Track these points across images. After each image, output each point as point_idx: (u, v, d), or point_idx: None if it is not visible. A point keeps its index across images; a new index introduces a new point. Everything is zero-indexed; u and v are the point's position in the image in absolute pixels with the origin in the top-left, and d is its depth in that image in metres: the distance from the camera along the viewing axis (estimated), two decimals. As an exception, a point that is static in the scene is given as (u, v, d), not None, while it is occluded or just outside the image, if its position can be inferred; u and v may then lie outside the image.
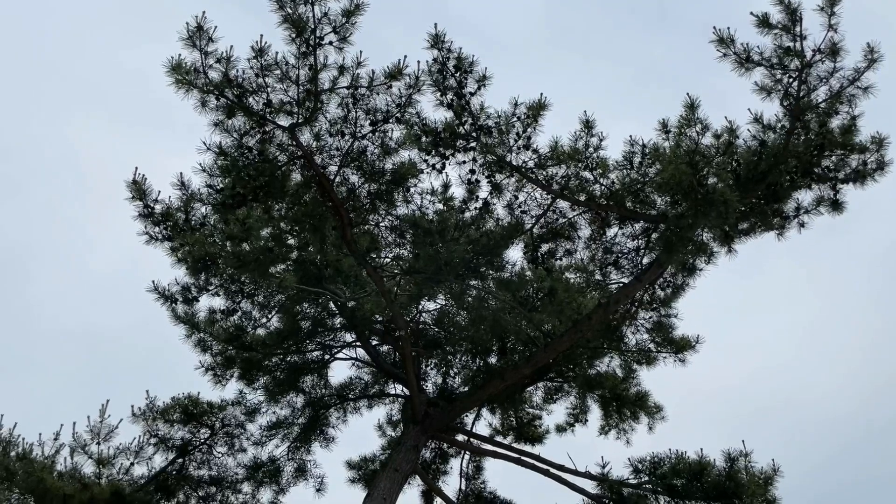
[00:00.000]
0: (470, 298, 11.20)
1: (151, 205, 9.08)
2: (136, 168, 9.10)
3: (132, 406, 10.92)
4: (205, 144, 8.06)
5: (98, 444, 10.28)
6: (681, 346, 11.06)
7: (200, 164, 8.22)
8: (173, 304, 10.21)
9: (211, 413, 11.43)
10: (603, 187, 9.10)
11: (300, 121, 8.04)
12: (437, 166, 9.04)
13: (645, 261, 10.09)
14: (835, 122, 9.03)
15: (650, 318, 11.05)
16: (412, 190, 9.41)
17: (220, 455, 11.62)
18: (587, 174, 8.99)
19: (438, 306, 12.37)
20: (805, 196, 9.61)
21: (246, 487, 11.69)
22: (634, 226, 9.97)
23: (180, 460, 11.25)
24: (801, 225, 9.84)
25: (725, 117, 8.80)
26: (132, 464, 10.61)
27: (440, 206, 10.60)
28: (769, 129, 9.01)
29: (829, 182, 9.43)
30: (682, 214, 8.61)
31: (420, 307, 12.35)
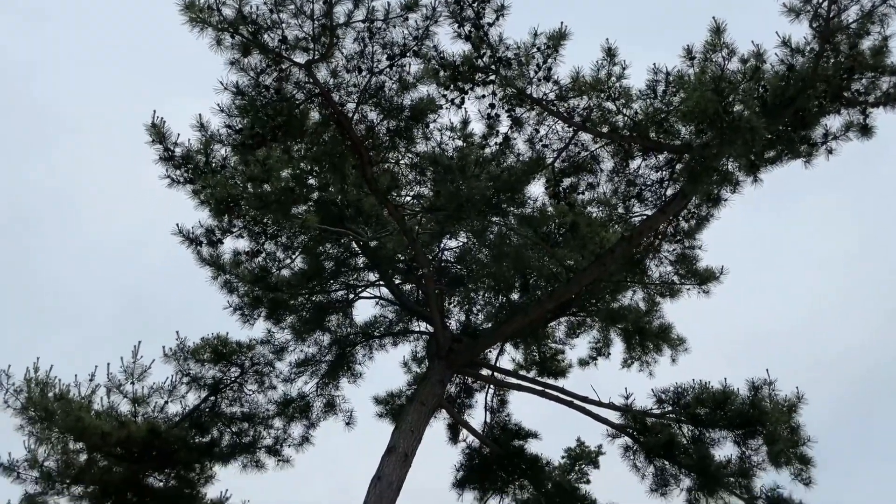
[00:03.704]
0: (492, 235, 11.20)
1: (171, 147, 9.08)
2: (155, 111, 9.09)
3: (163, 347, 11.20)
4: (222, 84, 8.00)
5: (132, 383, 10.61)
6: (705, 278, 11.01)
7: (218, 105, 8.18)
8: (198, 247, 10.26)
9: (240, 352, 11.67)
10: (626, 118, 8.91)
11: (316, 57, 7.93)
12: (456, 101, 8.88)
13: (669, 192, 9.95)
14: (866, 44, 8.70)
15: (674, 250, 10.98)
16: (431, 126, 9.32)
17: (251, 392, 11.93)
18: (610, 105, 8.80)
19: (460, 244, 12.41)
20: (833, 121, 9.34)
21: (277, 423, 12.03)
22: (658, 157, 9.79)
23: (212, 398, 11.56)
24: (829, 151, 9.60)
25: (752, 41, 8.53)
26: (166, 402, 10.95)
27: (460, 142, 10.50)
28: (797, 53, 8.71)
29: (858, 106, 9.15)
30: (706, 143, 8.44)
31: (442, 245, 12.40)
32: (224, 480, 11.71)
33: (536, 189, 10.37)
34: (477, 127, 9.88)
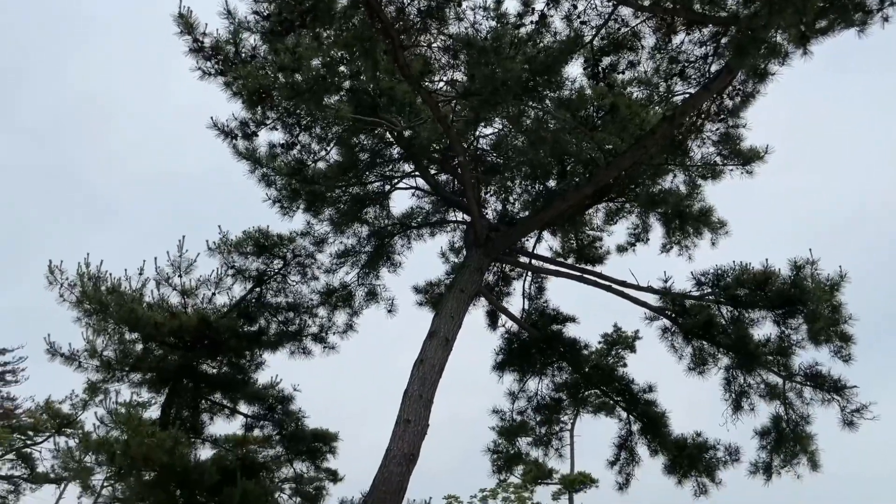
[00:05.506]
0: (528, 120, 10.93)
1: (200, 38, 8.94)
2: (181, 1, 8.88)
3: (207, 241, 11.46)
4: (247, -33, 7.73)
5: (180, 276, 10.95)
6: (748, 158, 10.70)
7: (245, -11, 7.93)
8: (233, 140, 10.28)
9: (281, 245, 11.91)
10: (669, -11, 8.45)
11: (342, -66, 7.57)
12: (490, -24, 8.49)
13: (713, 69, 9.54)
14: None
15: (717, 129, 10.63)
16: (464, 5, 8.95)
17: (294, 283, 12.27)
18: (652, -25, 8.33)
19: (496, 131, 12.19)
20: (892, -16, 8.72)
21: (321, 312, 12.39)
22: (702, 31, 9.33)
23: (258, 289, 11.91)
24: (885, 19, 9.00)
25: None
26: (214, 294, 11.34)
27: (494, 22, 10.08)
28: None
29: (920, -33, 8.51)
30: (755, 14, 7.98)
31: (477, 133, 12.18)
32: (273, 366, 12.26)
33: (574, 70, 10.07)
34: (511, 5, 9.48)
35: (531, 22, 9.36)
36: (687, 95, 9.81)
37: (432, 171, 12.59)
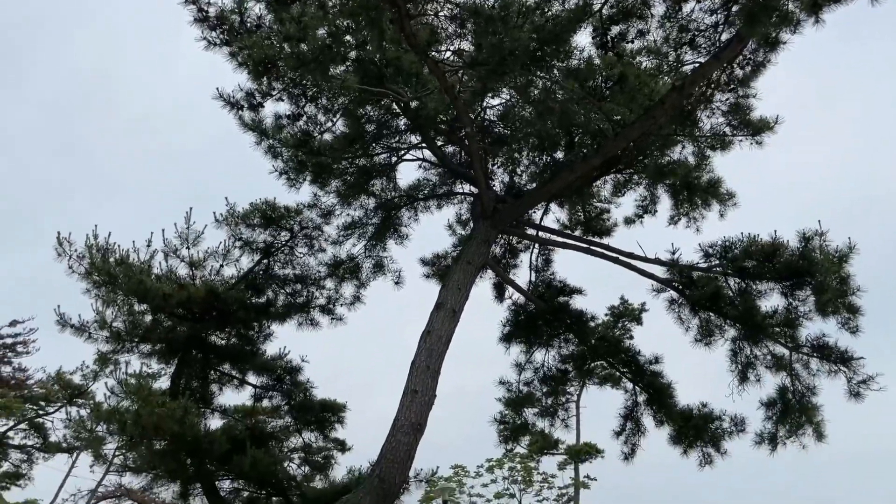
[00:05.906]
0: (535, 91, 10.83)
1: (205, 7, 8.87)
2: (185, -31, 8.80)
3: (214, 213, 11.45)
4: (251, -65, 7.63)
5: (188, 248, 10.97)
6: (758, 128, 10.57)
7: (249, -43, 7.84)
8: (239, 111, 10.25)
9: (288, 217, 11.91)
10: (679, -45, 8.31)
11: None
12: (497, -57, 8.35)
13: (724, 37, 9.40)
14: None
15: (727, 99, 10.50)
16: (471, -28, 8.81)
17: (302, 255, 12.28)
18: (662, -60, 8.18)
19: (503, 101, 12.07)
20: (908, -49, 8.54)
21: (329, 283, 12.44)
22: (713, -2, 9.19)
23: (265, 261, 11.93)
24: (901, -14, 8.85)
25: None
26: (221, 265, 11.36)
27: (501, -10, 9.94)
28: None
29: (939, -69, 8.31)
30: (767, -20, 7.85)
31: (484, 103, 12.07)
32: (281, 338, 12.34)
33: (583, 39, 9.92)
34: (520, -28, 9.30)
35: (539, -11, 9.21)
36: (697, 65, 9.69)
37: (439, 143, 12.52)
